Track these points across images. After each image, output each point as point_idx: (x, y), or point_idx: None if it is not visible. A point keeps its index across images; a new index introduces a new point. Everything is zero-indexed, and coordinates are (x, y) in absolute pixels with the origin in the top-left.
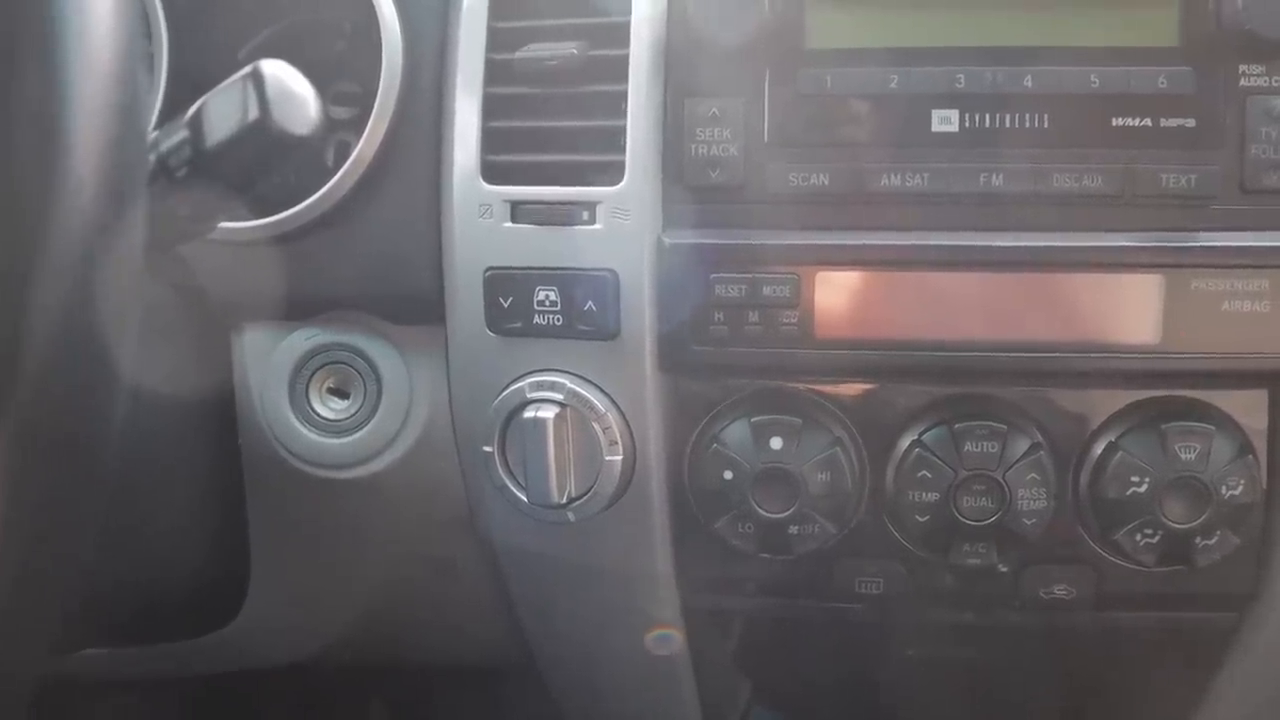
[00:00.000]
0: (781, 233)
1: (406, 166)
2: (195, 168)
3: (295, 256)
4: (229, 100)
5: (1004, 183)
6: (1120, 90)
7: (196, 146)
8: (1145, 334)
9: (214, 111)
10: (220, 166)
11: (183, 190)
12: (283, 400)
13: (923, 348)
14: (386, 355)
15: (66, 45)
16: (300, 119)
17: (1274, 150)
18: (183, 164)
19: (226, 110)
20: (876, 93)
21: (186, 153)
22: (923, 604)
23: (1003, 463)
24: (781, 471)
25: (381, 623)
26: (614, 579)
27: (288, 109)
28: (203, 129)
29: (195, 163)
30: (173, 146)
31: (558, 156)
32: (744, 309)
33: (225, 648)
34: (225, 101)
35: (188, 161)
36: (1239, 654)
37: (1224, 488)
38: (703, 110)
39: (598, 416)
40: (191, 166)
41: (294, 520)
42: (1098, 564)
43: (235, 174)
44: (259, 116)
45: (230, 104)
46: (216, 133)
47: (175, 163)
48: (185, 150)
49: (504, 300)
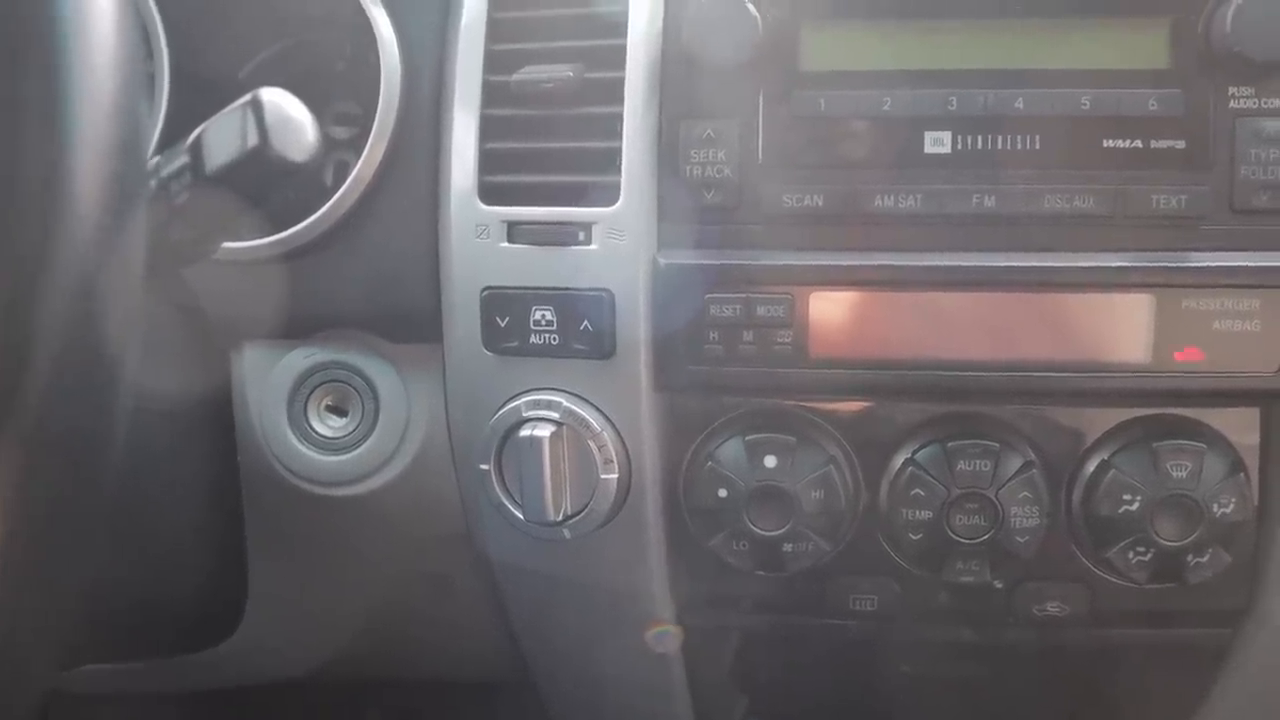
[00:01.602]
0: (776, 253)
1: (404, 187)
2: (195, 192)
3: (294, 276)
4: (229, 127)
5: (996, 204)
6: (1111, 112)
7: (196, 172)
8: (1137, 353)
9: (214, 138)
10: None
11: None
12: (281, 418)
13: (916, 367)
14: (384, 373)
15: (71, 76)
16: (299, 146)
17: (1263, 171)
18: (183, 189)
19: (226, 136)
20: (870, 114)
21: (187, 178)
22: (917, 621)
23: (995, 481)
24: (776, 489)
25: (379, 639)
26: (609, 596)
27: (286, 136)
28: (203, 155)
29: (195, 188)
30: (173, 171)
31: (554, 177)
32: (739, 329)
33: (223, 663)
34: (225, 128)
35: (188, 186)
36: (1232, 670)
37: (1215, 505)
38: (697, 132)
39: (593, 435)
40: (191, 191)
41: (292, 537)
42: (1090, 581)
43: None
44: (258, 144)
45: (230, 130)
46: (216, 158)
47: (176, 188)
48: (185, 175)
49: (500, 319)
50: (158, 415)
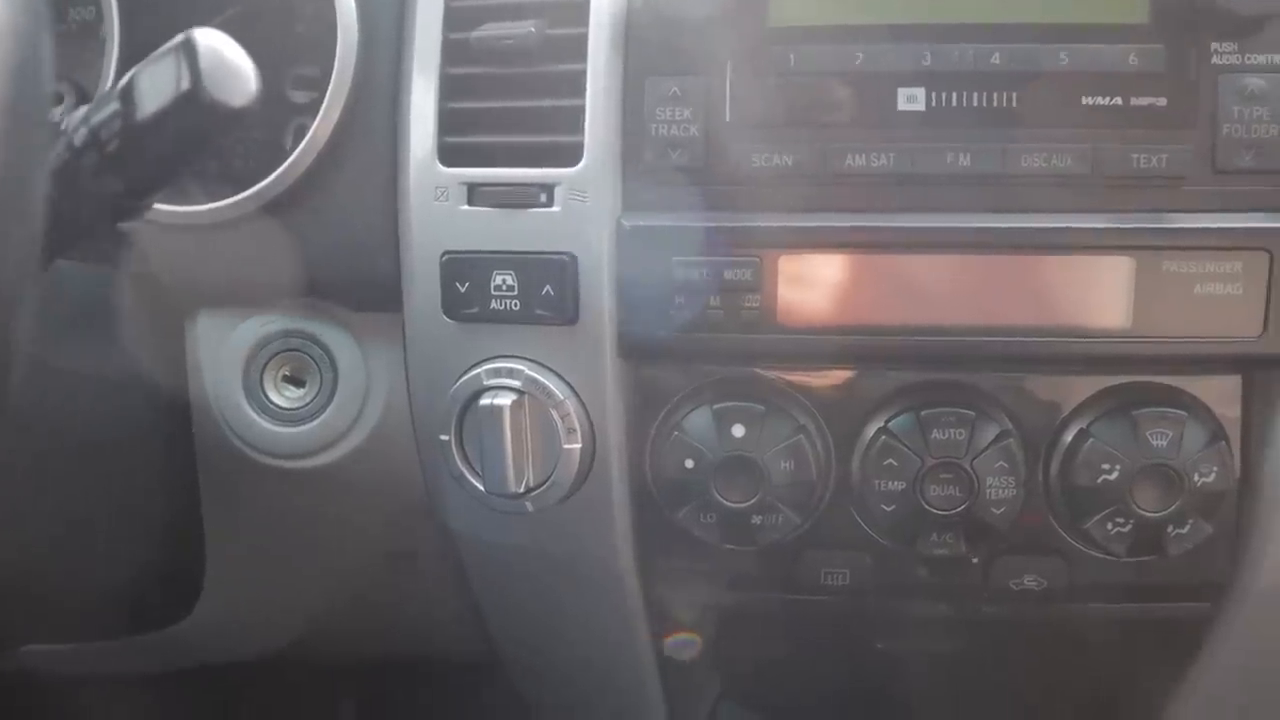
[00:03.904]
0: (744, 214)
1: (363, 149)
2: (127, 141)
3: (249, 241)
4: (161, 71)
5: (971, 163)
6: (1090, 68)
7: (127, 119)
8: (1116, 318)
9: (145, 82)
10: (153, 140)
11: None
12: (236, 389)
13: (888, 332)
14: (343, 342)
15: None
16: (236, 91)
17: (1247, 130)
18: (113, 136)
19: (158, 81)
20: (841, 70)
21: (117, 125)
22: (890, 596)
23: (971, 450)
24: (744, 460)
25: (343, 617)
26: (575, 571)
27: (223, 80)
28: (134, 101)
29: (126, 136)
30: (104, 119)
31: (515, 138)
32: (705, 293)
33: (181, 644)
34: (157, 72)
35: (118, 134)
36: (1212, 644)
37: (1196, 475)
38: (663, 89)
39: (556, 404)
40: (123, 140)
41: (249, 511)
42: (1068, 554)
43: (170, 148)
44: (191, 87)
45: (162, 75)
46: (148, 105)
47: (106, 135)
48: (116, 123)
49: (461, 285)
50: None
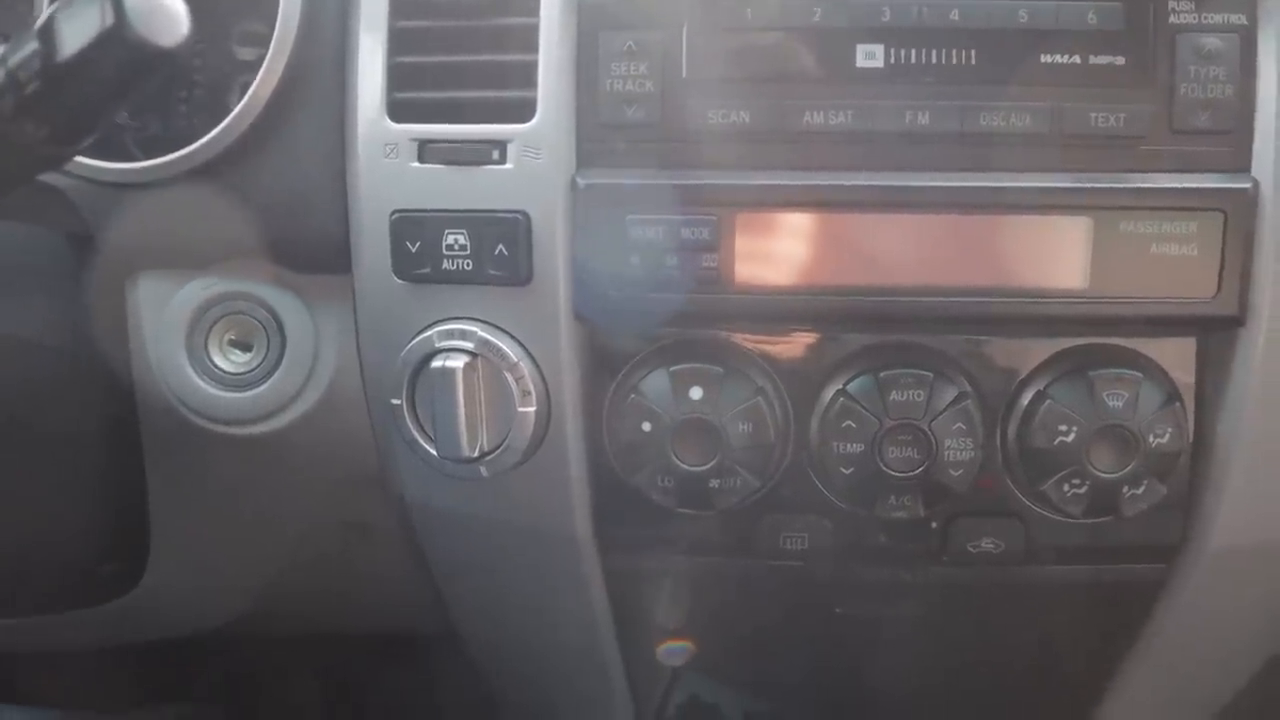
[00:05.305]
0: (700, 172)
1: (309, 104)
2: (48, 83)
3: (192, 199)
4: (83, 7)
5: (930, 121)
6: (1049, 25)
7: (47, 59)
8: (1073, 278)
9: (66, 20)
10: (75, 82)
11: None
12: (180, 353)
13: (847, 293)
14: (290, 305)
15: None
16: (164, 29)
17: (1203, 90)
18: (32, 78)
19: (80, 18)
20: (799, 25)
21: (36, 65)
22: (849, 559)
23: (929, 411)
24: (702, 422)
25: (294, 590)
26: (531, 538)
27: (149, 17)
28: (54, 39)
29: (46, 77)
30: (22, 59)
31: (467, 93)
32: (662, 252)
33: (130, 617)
34: (79, 8)
35: (37, 75)
36: (1167, 605)
37: (1151, 436)
38: (618, 44)
39: (510, 366)
40: (43, 81)
41: (195, 480)
42: (1025, 516)
43: (94, 90)
44: (114, 24)
45: (85, 11)
46: (69, 44)
47: (25, 76)
48: (35, 63)
49: (411, 245)
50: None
